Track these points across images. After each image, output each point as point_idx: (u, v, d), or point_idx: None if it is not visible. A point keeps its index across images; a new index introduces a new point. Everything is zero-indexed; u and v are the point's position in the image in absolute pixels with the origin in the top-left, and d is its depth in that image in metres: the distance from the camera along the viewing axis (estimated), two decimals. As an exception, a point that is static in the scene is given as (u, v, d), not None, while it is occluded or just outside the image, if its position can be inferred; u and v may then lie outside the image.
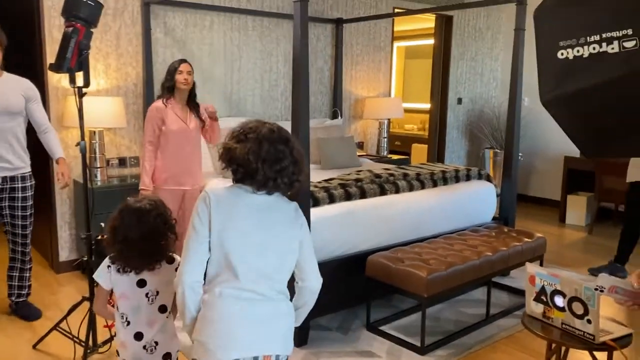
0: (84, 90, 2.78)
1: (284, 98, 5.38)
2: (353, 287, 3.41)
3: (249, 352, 1.66)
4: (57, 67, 2.67)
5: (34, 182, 3.35)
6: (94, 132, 4.12)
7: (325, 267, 3.25)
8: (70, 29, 2.64)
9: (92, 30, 2.74)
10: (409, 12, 5.74)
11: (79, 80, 2.77)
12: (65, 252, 4.30)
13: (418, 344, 3.10)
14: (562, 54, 1.98)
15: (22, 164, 3.26)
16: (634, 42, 1.63)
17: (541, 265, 3.84)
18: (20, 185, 3.25)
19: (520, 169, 6.30)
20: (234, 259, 1.67)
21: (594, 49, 1.87)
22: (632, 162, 4.31)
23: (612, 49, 1.79)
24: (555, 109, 2.07)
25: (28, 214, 3.35)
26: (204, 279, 1.73)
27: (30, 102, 3.23)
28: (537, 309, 2.32)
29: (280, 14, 5.16)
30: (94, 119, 3.94)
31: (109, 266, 2.02)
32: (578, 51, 1.91)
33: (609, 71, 1.81)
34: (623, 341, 2.14)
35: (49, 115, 4.09)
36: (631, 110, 1.76)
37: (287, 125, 5.01)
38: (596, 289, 2.06)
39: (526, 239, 3.75)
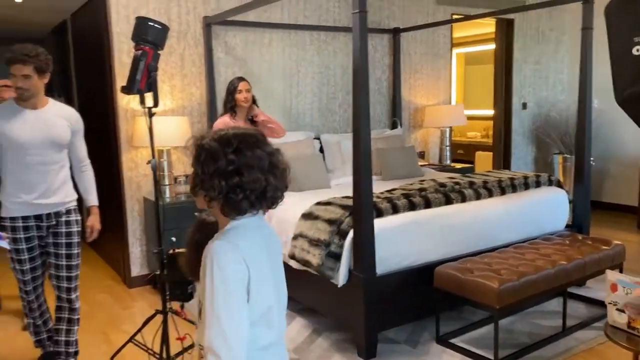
0: (154, 110, 2.88)
1: (342, 110, 5.40)
2: (420, 300, 3.33)
3: None
4: (128, 89, 2.79)
5: (79, 218, 2.98)
6: (162, 150, 4.27)
7: (391, 279, 3.23)
8: (140, 52, 2.76)
9: (159, 52, 2.85)
10: (467, 17, 5.63)
11: (149, 101, 2.87)
12: (137, 268, 4.46)
13: (491, 356, 2.99)
14: (637, 49, 1.88)
15: (67, 198, 2.92)
16: None
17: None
18: (64, 219, 2.89)
19: (593, 174, 6.01)
20: (267, 312, 1.48)
21: (673, 42, 1.76)
22: None
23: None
24: (632, 107, 1.97)
25: (74, 253, 2.92)
26: None
27: (76, 135, 2.94)
28: (620, 319, 2.18)
29: (337, 27, 5.20)
30: (161, 138, 4.08)
31: None
32: (656, 45, 1.81)
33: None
34: None
35: (120, 136, 4.29)
36: None
37: (348, 138, 5.02)
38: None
39: (603, 247, 3.56)
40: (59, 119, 2.85)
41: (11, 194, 2.79)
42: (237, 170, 1.41)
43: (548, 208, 4.07)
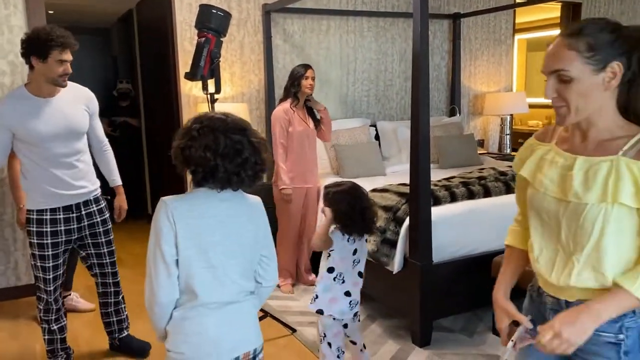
0: (215, 96, 2.96)
1: (399, 97, 5.35)
2: (476, 289, 3.28)
3: (230, 356, 1.66)
4: (191, 76, 2.87)
5: (105, 203, 2.93)
6: (222, 136, 4.37)
7: (447, 268, 3.20)
8: (203, 39, 2.83)
9: (221, 39, 2.91)
10: (531, 2, 5.44)
11: (211, 87, 2.94)
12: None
13: (550, 350, 2.92)
14: None
15: (93, 186, 2.80)
16: None
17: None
18: (95, 208, 2.81)
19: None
20: (202, 275, 1.60)
21: None
22: None
23: None
24: None
25: (111, 238, 2.90)
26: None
27: (93, 117, 2.78)
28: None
29: (396, 13, 5.14)
30: (221, 123, 4.18)
31: (331, 231, 2.39)
32: None
33: None
34: None
35: (183, 121, 4.42)
36: None
37: (405, 125, 4.96)
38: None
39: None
40: (76, 104, 2.67)
41: (37, 186, 2.62)
42: (190, 147, 1.57)
43: (614, 200, 3.91)
